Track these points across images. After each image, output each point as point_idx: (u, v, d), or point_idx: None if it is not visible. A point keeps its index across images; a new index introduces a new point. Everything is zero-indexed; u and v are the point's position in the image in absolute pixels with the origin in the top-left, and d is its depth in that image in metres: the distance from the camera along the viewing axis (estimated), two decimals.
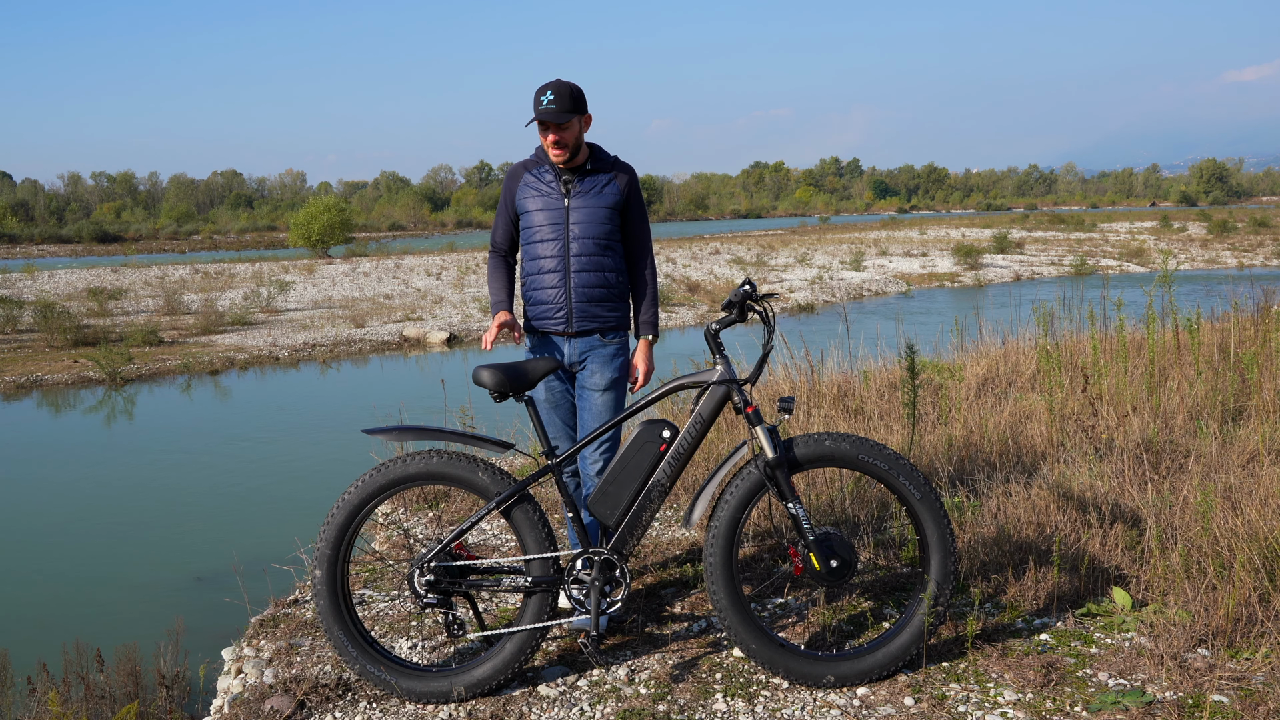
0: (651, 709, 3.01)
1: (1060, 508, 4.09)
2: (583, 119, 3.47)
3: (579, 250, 3.52)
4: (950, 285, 26.71)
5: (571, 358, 3.58)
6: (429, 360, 15.73)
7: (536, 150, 3.63)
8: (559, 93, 3.36)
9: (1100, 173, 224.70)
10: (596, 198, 3.53)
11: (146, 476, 9.01)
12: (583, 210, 3.52)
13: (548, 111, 3.35)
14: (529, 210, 3.58)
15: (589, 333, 3.57)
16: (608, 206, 3.54)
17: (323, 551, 3.12)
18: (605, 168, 3.58)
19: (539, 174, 3.58)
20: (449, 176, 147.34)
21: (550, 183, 3.55)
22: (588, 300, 3.54)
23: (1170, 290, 6.23)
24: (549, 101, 3.35)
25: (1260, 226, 44.94)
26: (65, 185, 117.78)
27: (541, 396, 3.61)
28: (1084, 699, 2.93)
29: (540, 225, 3.55)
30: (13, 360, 15.24)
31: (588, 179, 3.55)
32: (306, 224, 41.81)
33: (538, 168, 3.59)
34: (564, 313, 3.55)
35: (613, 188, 3.56)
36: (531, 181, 3.58)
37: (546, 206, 3.54)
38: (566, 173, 3.54)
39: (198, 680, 4.20)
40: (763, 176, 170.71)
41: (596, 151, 3.60)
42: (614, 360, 3.60)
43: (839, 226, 69.22)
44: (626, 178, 3.60)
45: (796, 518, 3.09)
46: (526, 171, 3.61)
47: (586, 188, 3.54)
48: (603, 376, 3.57)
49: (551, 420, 3.63)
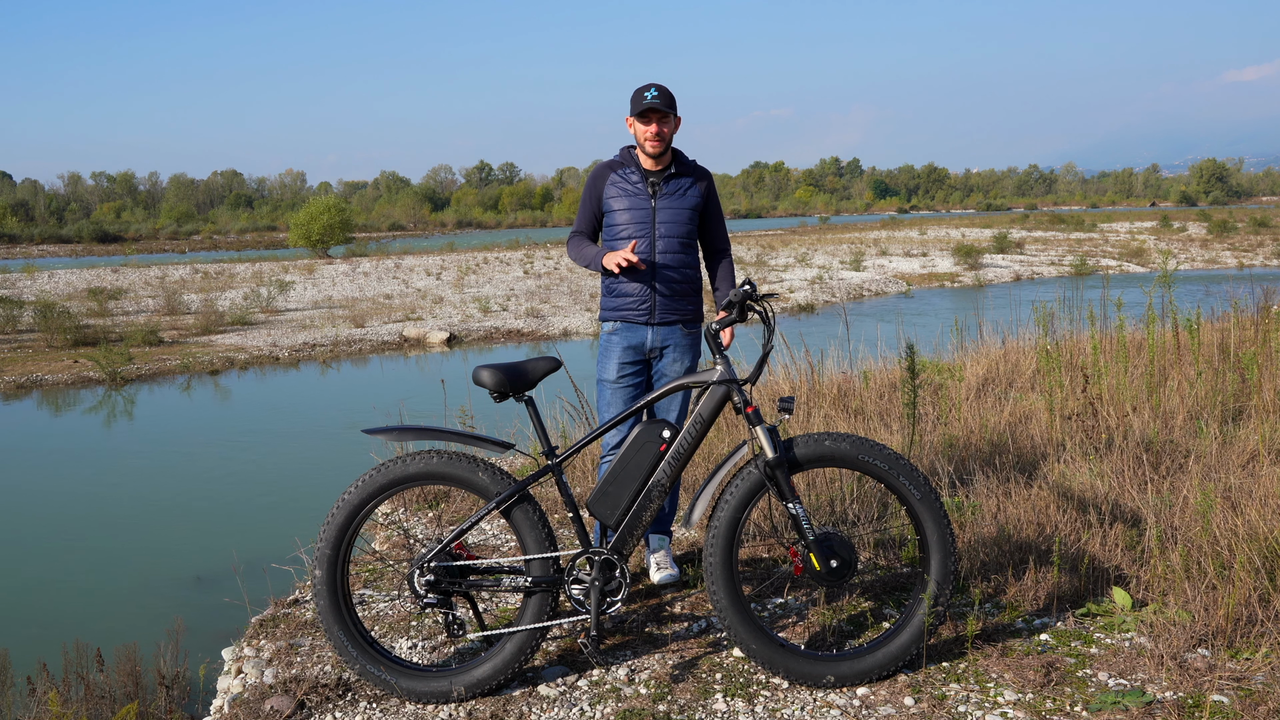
0: (651, 709, 3.01)
1: (1060, 508, 4.09)
2: (676, 119, 3.72)
3: (664, 248, 3.74)
4: (950, 285, 26.70)
5: (653, 344, 3.80)
6: (429, 360, 15.73)
7: (622, 152, 3.85)
8: (661, 89, 3.63)
9: (1100, 173, 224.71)
10: (680, 199, 3.76)
11: (146, 476, 9.01)
12: (668, 211, 3.74)
13: (655, 102, 3.60)
14: (615, 209, 3.79)
15: (670, 323, 3.79)
16: (690, 208, 3.78)
17: (323, 551, 3.12)
18: (687, 171, 3.82)
19: (625, 174, 3.79)
20: (449, 176, 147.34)
21: (637, 183, 3.77)
22: (670, 295, 3.77)
23: (1170, 290, 6.23)
24: (654, 95, 3.61)
25: (1260, 226, 44.93)
26: (65, 185, 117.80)
27: (611, 378, 3.82)
28: (1084, 699, 2.93)
29: (627, 223, 3.76)
30: (13, 360, 15.24)
31: (672, 181, 3.77)
32: (306, 224, 41.81)
33: (624, 168, 3.81)
34: (648, 305, 3.76)
35: (694, 191, 3.80)
36: (618, 181, 3.80)
37: (634, 206, 3.75)
38: (653, 175, 3.76)
39: (198, 680, 4.20)
40: (763, 176, 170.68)
41: (678, 155, 3.82)
42: (693, 348, 3.85)
43: (839, 226, 69.21)
44: (706, 182, 3.86)
45: (796, 518, 3.09)
46: (613, 171, 3.82)
47: (671, 190, 3.76)
48: (683, 364, 3.82)
49: (614, 401, 3.83)
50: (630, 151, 3.82)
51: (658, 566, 3.90)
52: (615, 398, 3.83)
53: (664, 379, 3.81)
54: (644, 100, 3.61)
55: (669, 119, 3.67)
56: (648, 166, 3.76)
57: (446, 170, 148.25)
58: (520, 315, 19.66)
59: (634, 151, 3.81)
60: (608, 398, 3.85)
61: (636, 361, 3.83)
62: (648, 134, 3.65)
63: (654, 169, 3.76)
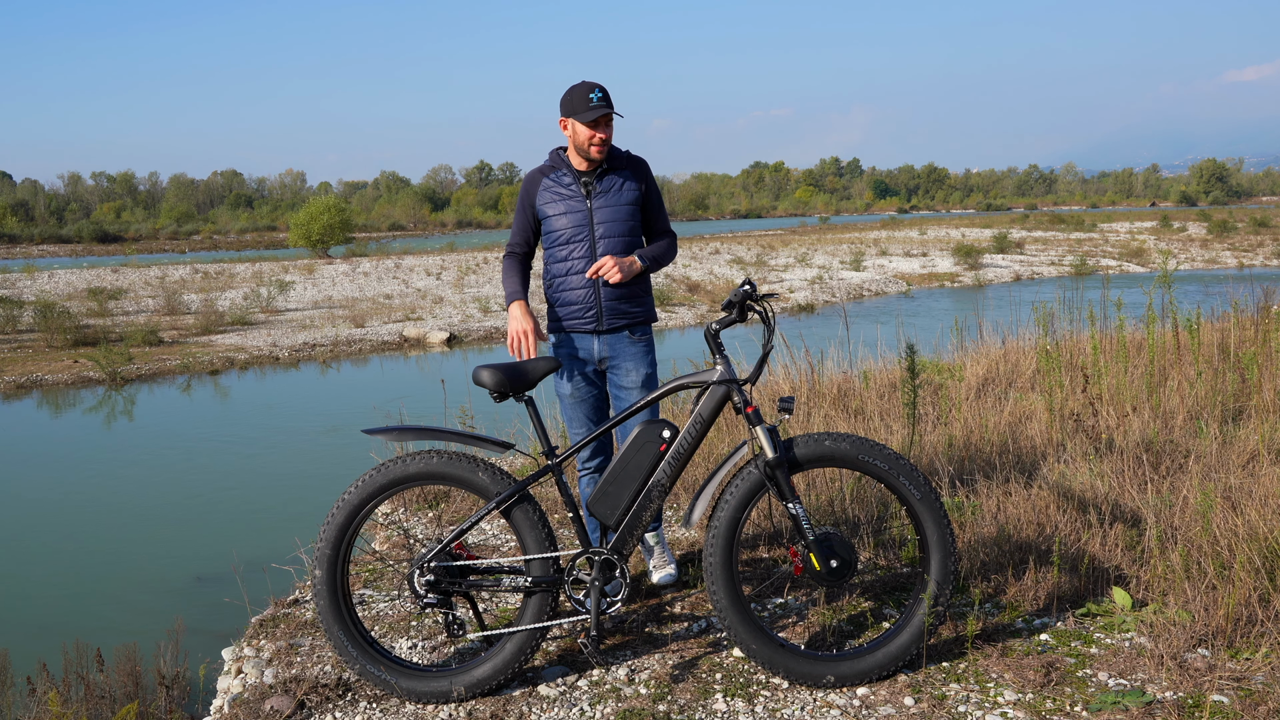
0: (651, 709, 3.01)
1: (1060, 508, 4.09)
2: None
3: (605, 250, 3.58)
4: (950, 285, 26.70)
5: (601, 354, 3.65)
6: (429, 360, 15.72)
7: (551, 155, 3.68)
8: (604, 90, 3.45)
9: (1100, 173, 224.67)
10: (617, 195, 3.60)
11: (146, 476, 9.01)
12: (606, 210, 3.58)
13: (602, 107, 3.42)
14: (551, 215, 3.62)
15: (618, 330, 3.64)
16: (629, 204, 3.61)
17: (323, 551, 3.12)
18: (621, 165, 3.63)
19: (557, 178, 3.63)
20: (449, 176, 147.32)
21: (570, 185, 3.60)
22: (617, 299, 3.61)
23: (1170, 290, 6.22)
24: (600, 99, 3.43)
25: (1260, 226, 44.92)
26: (65, 185, 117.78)
27: (567, 393, 3.69)
28: (1084, 699, 2.93)
29: (565, 228, 3.60)
30: (13, 360, 15.24)
31: (606, 178, 3.60)
32: (306, 224, 41.80)
33: (555, 172, 3.64)
34: (594, 312, 3.61)
35: (631, 184, 3.63)
36: (551, 186, 3.62)
37: (570, 210, 3.59)
38: (585, 174, 3.59)
39: (198, 680, 4.20)
40: (763, 176, 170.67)
41: (610, 150, 3.63)
42: (646, 356, 3.70)
43: (839, 226, 69.20)
44: (642, 173, 3.67)
45: (796, 518, 3.09)
46: (544, 176, 3.65)
47: (606, 187, 3.59)
48: (638, 374, 3.66)
49: (575, 415, 3.71)
50: (560, 154, 3.64)
51: (655, 567, 3.88)
52: (576, 411, 3.71)
53: (622, 393, 3.67)
54: (590, 104, 3.41)
55: (610, 125, 3.48)
56: (580, 167, 3.58)
57: (446, 170, 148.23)
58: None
59: (564, 153, 3.63)
60: (569, 413, 3.73)
61: (590, 373, 3.68)
62: (595, 139, 3.46)
63: (586, 169, 3.58)
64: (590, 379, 3.69)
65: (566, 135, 3.59)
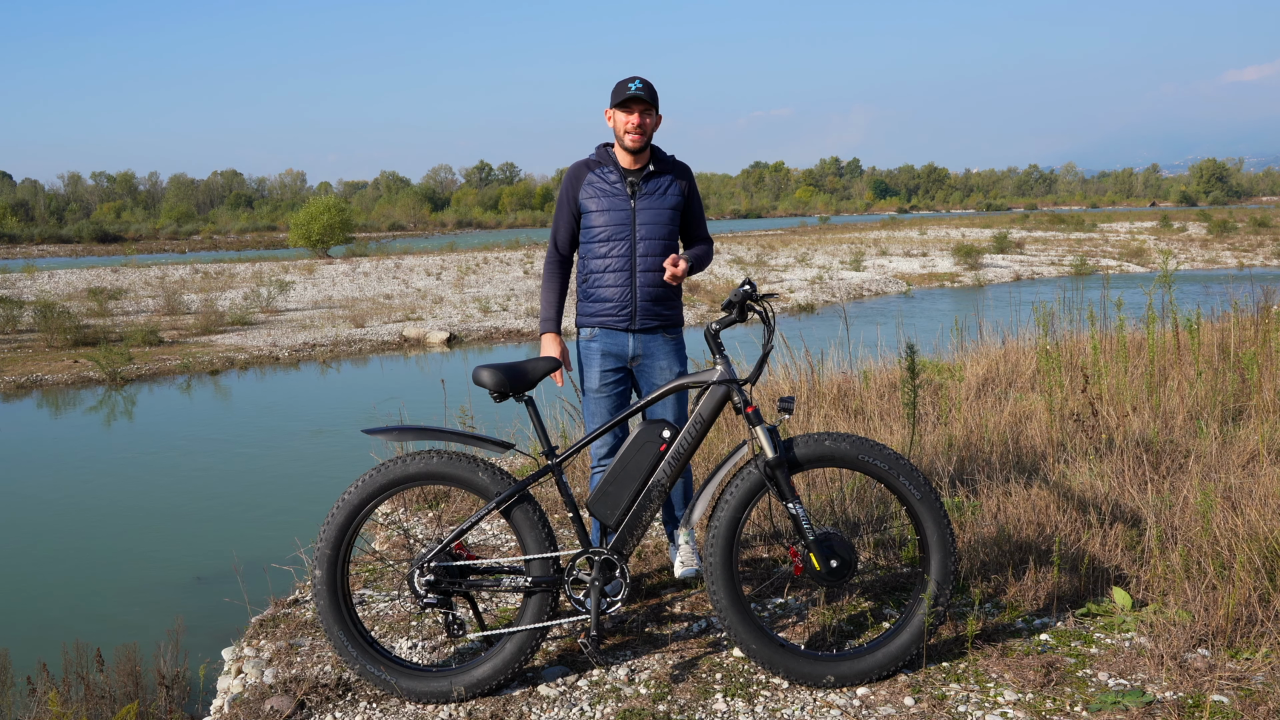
0: (651, 709, 3.01)
1: (1060, 508, 4.09)
2: (658, 116, 3.60)
3: (645, 251, 3.61)
4: (950, 285, 26.70)
5: (635, 351, 3.69)
6: (429, 360, 15.72)
7: (599, 150, 3.71)
8: (646, 82, 3.54)
9: (1100, 173, 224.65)
10: (660, 199, 3.64)
11: (146, 476, 9.01)
12: (648, 212, 3.61)
13: (639, 92, 3.49)
14: (593, 210, 3.64)
15: (652, 330, 3.68)
16: (671, 208, 3.65)
17: (323, 551, 3.12)
18: (667, 169, 3.69)
19: (603, 174, 3.65)
20: (449, 176, 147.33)
21: (615, 184, 3.63)
22: (652, 300, 3.65)
23: (1170, 290, 6.23)
24: (638, 86, 3.51)
25: (1260, 226, 44.91)
26: (65, 185, 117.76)
27: (594, 386, 3.72)
28: (1084, 699, 2.93)
29: (605, 225, 3.62)
30: (13, 360, 15.24)
31: (651, 180, 3.64)
32: (306, 224, 41.80)
33: (600, 167, 3.66)
34: (628, 311, 3.64)
35: (674, 189, 3.67)
36: (595, 181, 3.65)
37: (612, 208, 3.61)
38: (632, 174, 3.63)
39: (198, 680, 4.20)
40: (763, 176, 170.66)
41: (656, 152, 3.69)
42: (679, 354, 3.74)
43: (839, 226, 69.19)
44: (687, 179, 3.73)
45: (796, 518, 3.09)
46: (590, 171, 3.67)
47: (651, 189, 3.63)
48: (672, 371, 3.70)
49: (598, 410, 3.74)
50: (607, 150, 3.67)
51: (682, 563, 3.83)
52: (599, 407, 3.73)
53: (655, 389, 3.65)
54: (627, 90, 3.49)
55: (651, 111, 3.53)
56: (626, 165, 3.61)
57: (446, 170, 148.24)
58: (520, 315, 19.65)
59: (611, 149, 3.67)
60: (592, 408, 3.75)
61: (619, 369, 3.71)
62: (629, 124, 3.51)
63: (633, 167, 3.61)
64: (619, 375, 3.73)
65: (611, 128, 3.64)
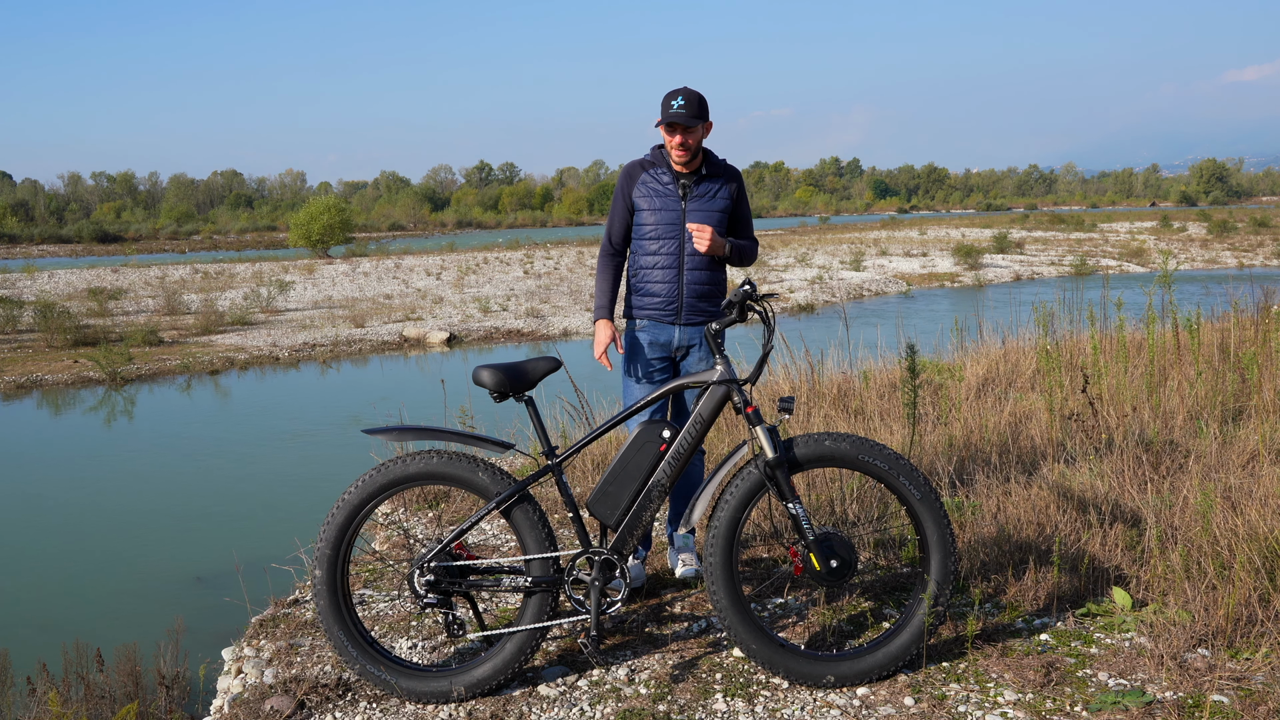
0: (651, 709, 3.01)
1: (1060, 508, 4.09)
2: (705, 125, 3.66)
3: (693, 250, 3.69)
4: (950, 285, 26.70)
5: (680, 343, 3.77)
6: (429, 360, 15.73)
7: (653, 150, 3.80)
8: (689, 99, 3.57)
9: (1100, 173, 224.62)
10: (710, 202, 3.72)
11: (146, 476, 9.01)
12: (699, 214, 3.69)
13: (679, 115, 3.54)
14: (644, 209, 3.75)
15: (697, 324, 3.76)
16: (720, 211, 3.74)
17: (323, 551, 3.12)
18: (717, 173, 3.76)
19: (656, 174, 3.75)
20: (449, 176, 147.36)
21: (668, 185, 3.72)
22: (698, 297, 3.74)
23: (1170, 290, 6.23)
24: (680, 106, 3.56)
25: (1260, 226, 44.92)
26: (65, 185, 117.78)
27: (639, 375, 3.80)
28: (1084, 699, 2.93)
29: (656, 224, 3.72)
30: (13, 360, 15.24)
31: (703, 184, 3.73)
32: (306, 224, 41.81)
33: (654, 168, 3.76)
34: (675, 306, 3.73)
35: (724, 193, 3.76)
36: (649, 181, 3.75)
37: (664, 207, 3.71)
38: (684, 176, 3.71)
39: (198, 680, 4.20)
40: (763, 176, 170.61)
41: (709, 156, 3.77)
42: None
43: (839, 226, 69.20)
44: (736, 183, 3.80)
45: (796, 518, 3.09)
46: (644, 171, 3.77)
47: (702, 192, 3.72)
48: (706, 364, 3.75)
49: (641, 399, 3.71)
50: (661, 151, 3.77)
51: (683, 564, 3.85)
52: (643, 393, 3.79)
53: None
54: (669, 111, 3.56)
55: (695, 130, 3.60)
56: (679, 168, 3.72)
57: (446, 170, 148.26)
58: (520, 315, 19.66)
59: (664, 151, 3.76)
60: (637, 395, 3.81)
61: (664, 359, 3.81)
62: (673, 144, 3.62)
63: (685, 170, 3.72)
64: (663, 365, 3.81)
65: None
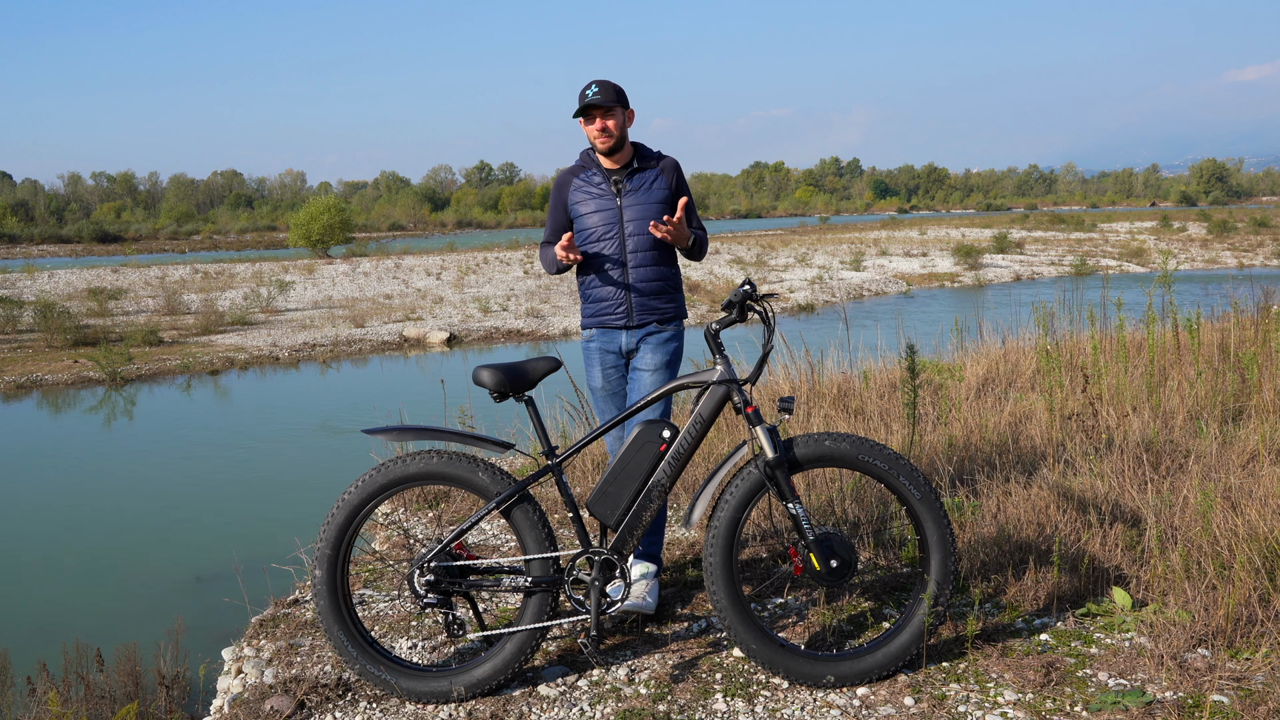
0: (651, 709, 3.01)
1: (1060, 508, 4.09)
2: (626, 112, 3.62)
3: (635, 247, 3.65)
4: (950, 285, 26.70)
5: (629, 346, 3.72)
6: (429, 360, 15.73)
7: (582, 155, 3.78)
8: (603, 85, 3.56)
9: (1100, 173, 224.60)
10: (648, 193, 3.66)
11: (146, 476, 9.01)
12: (635, 208, 3.64)
13: (595, 98, 3.52)
14: (582, 213, 3.70)
15: (646, 324, 3.71)
16: (659, 202, 3.67)
17: (323, 551, 3.12)
18: (650, 163, 3.71)
19: (588, 177, 3.71)
20: (449, 176, 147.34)
21: (600, 184, 3.68)
22: (646, 295, 3.68)
23: (1170, 290, 6.23)
24: (595, 92, 3.54)
25: (1260, 226, 44.93)
26: (65, 185, 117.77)
27: (599, 385, 3.77)
28: (1084, 699, 2.93)
29: (595, 226, 3.67)
30: (13, 360, 15.24)
31: (636, 177, 3.68)
32: (306, 224, 41.82)
33: (585, 172, 3.72)
34: (624, 308, 3.68)
35: (660, 183, 3.69)
36: (582, 185, 3.71)
37: (600, 208, 3.66)
38: (615, 173, 3.67)
39: (198, 680, 4.20)
40: (763, 176, 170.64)
41: (640, 149, 3.72)
42: (668, 344, 3.73)
43: (839, 226, 69.20)
44: (672, 170, 3.73)
45: (796, 518, 3.09)
46: (575, 177, 3.74)
47: (636, 185, 3.67)
48: (654, 357, 3.69)
49: (606, 409, 3.78)
50: (590, 154, 3.73)
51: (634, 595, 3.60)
52: (608, 404, 3.80)
53: (635, 374, 3.72)
54: (585, 98, 3.54)
55: (614, 112, 3.55)
56: (608, 165, 3.66)
57: (446, 170, 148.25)
58: (520, 315, 19.66)
59: (593, 154, 3.72)
60: (600, 405, 3.82)
61: (619, 365, 3.76)
62: (593, 131, 3.58)
63: (615, 167, 3.66)
64: (621, 373, 3.77)
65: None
